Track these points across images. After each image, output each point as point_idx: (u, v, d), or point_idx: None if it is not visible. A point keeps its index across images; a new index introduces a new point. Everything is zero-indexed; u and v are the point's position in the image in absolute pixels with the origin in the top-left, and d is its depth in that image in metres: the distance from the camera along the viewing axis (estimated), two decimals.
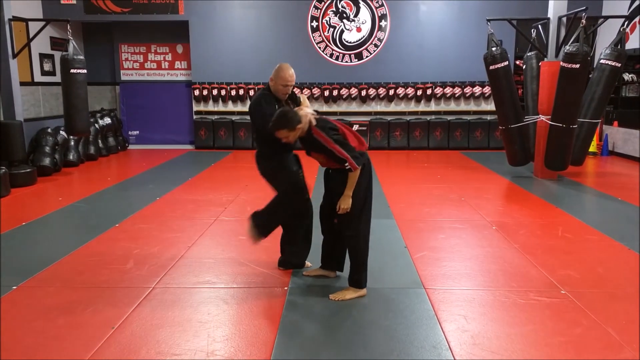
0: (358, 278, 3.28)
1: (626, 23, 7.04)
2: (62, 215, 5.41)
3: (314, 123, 3.10)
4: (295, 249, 3.69)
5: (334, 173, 3.24)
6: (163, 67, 10.75)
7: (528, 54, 7.83)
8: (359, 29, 10.21)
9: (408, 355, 2.62)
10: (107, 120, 9.83)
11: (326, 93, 10.27)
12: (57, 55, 9.01)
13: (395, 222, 4.97)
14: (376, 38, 10.21)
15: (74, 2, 9.91)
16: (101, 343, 2.71)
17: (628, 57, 7.96)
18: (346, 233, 3.24)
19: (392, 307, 3.14)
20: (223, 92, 10.35)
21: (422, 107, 10.42)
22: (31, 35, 7.72)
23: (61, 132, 8.10)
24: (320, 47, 10.28)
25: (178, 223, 5.00)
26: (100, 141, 9.44)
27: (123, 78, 10.76)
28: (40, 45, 9.34)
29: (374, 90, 10.27)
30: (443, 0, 10.04)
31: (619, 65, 6.83)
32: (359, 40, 10.24)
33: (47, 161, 7.56)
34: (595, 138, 8.84)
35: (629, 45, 9.04)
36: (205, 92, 10.37)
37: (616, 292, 3.37)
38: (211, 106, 10.53)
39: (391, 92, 10.25)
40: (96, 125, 9.40)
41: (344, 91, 10.25)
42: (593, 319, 2.98)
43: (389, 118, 10.33)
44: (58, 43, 9.95)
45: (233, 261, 3.93)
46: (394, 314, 3.05)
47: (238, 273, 3.69)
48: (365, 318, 3.02)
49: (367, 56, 10.28)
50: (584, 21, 6.41)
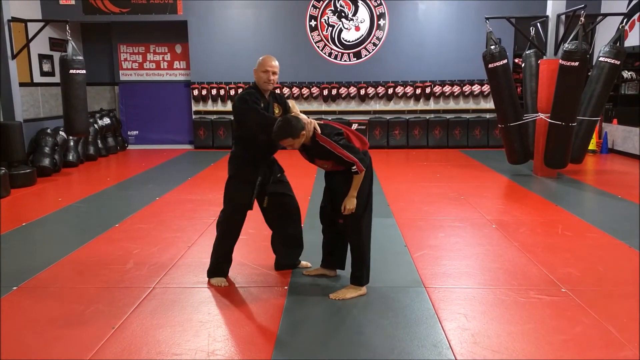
0: (359, 275, 3.28)
1: (625, 20, 7.04)
2: (62, 215, 5.40)
3: (319, 130, 3.08)
4: (284, 250, 3.68)
5: (335, 173, 3.23)
6: (162, 67, 10.74)
7: (527, 52, 7.82)
8: (358, 28, 10.20)
9: (408, 354, 2.61)
10: (107, 120, 9.83)
11: (325, 92, 10.26)
12: (56, 55, 9.00)
13: (395, 221, 4.97)
14: (375, 37, 10.21)
15: (73, 3, 9.90)
16: (102, 343, 2.71)
17: (627, 55, 7.96)
18: (351, 232, 3.24)
19: (392, 306, 3.14)
20: (222, 92, 10.35)
21: (422, 106, 10.41)
22: (30, 36, 7.70)
23: (61, 133, 8.10)
24: (319, 46, 10.27)
25: (178, 223, 5.00)
26: (99, 141, 9.43)
27: (122, 78, 10.75)
28: (39, 46, 9.34)
29: (373, 89, 10.26)
30: None
31: (618, 62, 6.82)
32: (358, 39, 10.23)
33: (47, 162, 7.56)
34: (594, 136, 8.84)
35: (628, 42, 9.03)
36: (204, 92, 10.36)
37: (616, 290, 3.37)
38: (210, 106, 10.52)
39: (390, 91, 10.24)
40: (95, 125, 9.39)
41: (343, 90, 10.25)
42: (594, 317, 2.98)
43: (388, 117, 10.33)
44: (57, 44, 9.95)
45: (233, 261, 3.92)
46: (394, 313, 3.05)
47: (238, 272, 3.69)
48: (365, 317, 3.02)
49: (366, 55, 10.28)
50: (583, 19, 6.41)
